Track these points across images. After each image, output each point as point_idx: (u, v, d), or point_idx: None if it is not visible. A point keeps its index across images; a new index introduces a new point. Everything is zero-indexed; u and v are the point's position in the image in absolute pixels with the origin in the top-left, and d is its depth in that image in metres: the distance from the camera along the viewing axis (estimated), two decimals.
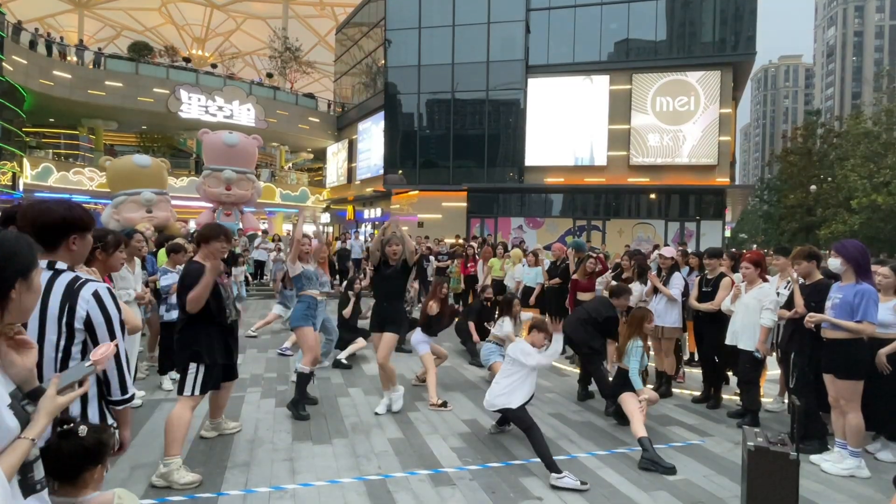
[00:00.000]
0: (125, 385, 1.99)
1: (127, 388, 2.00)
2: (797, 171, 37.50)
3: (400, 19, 24.47)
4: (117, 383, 1.96)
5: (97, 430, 1.66)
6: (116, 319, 1.94)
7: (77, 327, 1.85)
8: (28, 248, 1.29)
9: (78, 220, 1.91)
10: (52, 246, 1.88)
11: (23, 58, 21.89)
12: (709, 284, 5.63)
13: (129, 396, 2.02)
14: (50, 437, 1.66)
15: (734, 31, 21.68)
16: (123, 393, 1.99)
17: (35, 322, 1.81)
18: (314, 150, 36.23)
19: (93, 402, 1.94)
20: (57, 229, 1.87)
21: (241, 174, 16.05)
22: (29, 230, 1.83)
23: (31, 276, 1.27)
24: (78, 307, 1.85)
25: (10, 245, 1.24)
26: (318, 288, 5.20)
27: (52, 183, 23.42)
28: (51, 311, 1.82)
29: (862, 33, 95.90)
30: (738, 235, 55.43)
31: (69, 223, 1.88)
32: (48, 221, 1.85)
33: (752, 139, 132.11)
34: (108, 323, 1.90)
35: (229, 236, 3.84)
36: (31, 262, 1.28)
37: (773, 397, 5.65)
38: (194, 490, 3.37)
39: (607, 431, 4.69)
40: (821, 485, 3.71)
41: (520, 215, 22.71)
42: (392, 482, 3.58)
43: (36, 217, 1.85)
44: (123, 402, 2.01)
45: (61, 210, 1.89)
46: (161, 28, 39.70)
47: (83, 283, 1.89)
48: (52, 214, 1.86)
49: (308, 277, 5.12)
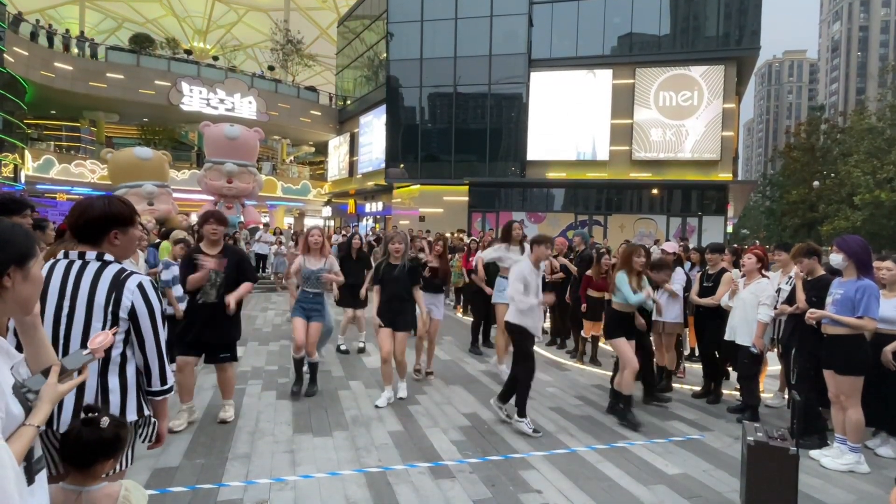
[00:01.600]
0: (165, 376, 2.03)
1: (167, 378, 2.04)
2: (800, 166, 37.37)
3: (402, 12, 24.34)
4: (157, 374, 2.01)
5: (118, 424, 1.68)
6: (158, 310, 1.99)
7: (122, 316, 1.91)
8: (24, 237, 1.28)
9: (118, 214, 1.96)
10: (96, 241, 1.94)
11: (24, 49, 21.82)
12: (710, 280, 5.63)
13: (168, 387, 2.06)
14: (73, 422, 1.69)
15: (738, 26, 21.54)
16: (163, 384, 2.03)
17: (83, 310, 1.87)
18: (316, 144, 36.16)
19: (132, 392, 1.96)
20: (97, 224, 1.93)
21: (242, 167, 16.05)
22: (73, 226, 1.93)
23: (28, 266, 1.26)
24: (123, 297, 1.90)
25: (3, 232, 1.23)
26: (315, 285, 5.23)
27: (54, 175, 23.42)
28: (97, 299, 1.88)
29: (867, 28, 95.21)
30: (741, 231, 55.35)
31: (109, 218, 1.93)
32: (89, 217, 1.91)
33: (756, 134, 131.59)
34: (150, 313, 1.95)
35: (220, 219, 4.20)
36: (27, 251, 1.26)
37: (774, 392, 5.66)
38: (195, 481, 3.39)
39: (607, 426, 4.70)
40: (820, 479, 3.72)
41: (521, 210, 22.68)
42: (392, 475, 3.59)
43: (80, 213, 1.92)
44: (162, 393, 2.04)
45: (101, 205, 1.94)
46: (162, 20, 39.51)
47: (129, 274, 1.94)
48: (92, 210, 1.92)
49: (305, 277, 5.21)
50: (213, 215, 4.25)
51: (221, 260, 4.18)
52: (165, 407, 2.10)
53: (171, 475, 3.46)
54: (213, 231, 4.20)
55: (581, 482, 3.57)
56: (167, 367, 2.05)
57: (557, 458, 3.97)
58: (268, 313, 10.51)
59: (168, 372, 2.06)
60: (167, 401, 2.10)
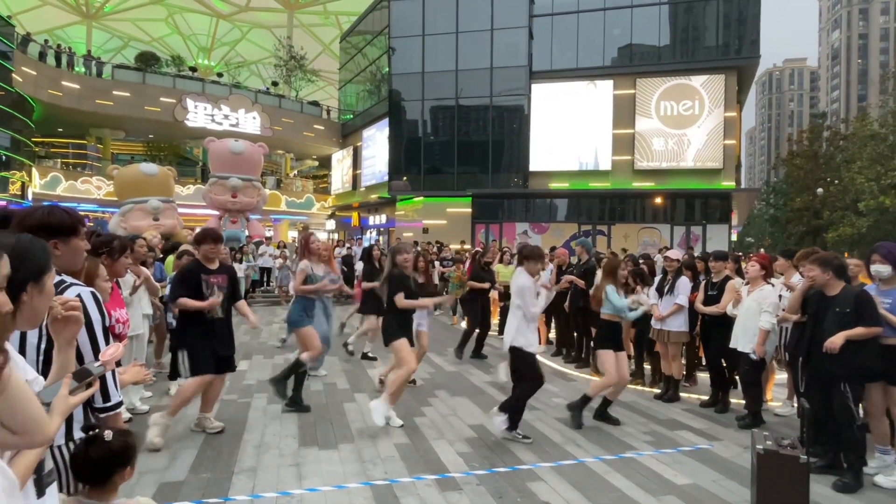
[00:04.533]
0: (107, 392, 1.90)
1: (110, 395, 1.91)
2: (803, 174, 37.33)
3: (404, 27, 24.62)
4: (99, 390, 1.83)
5: (123, 433, 1.69)
6: (98, 324, 1.89)
7: None
8: (42, 252, 1.30)
9: (58, 224, 1.84)
10: None
11: (32, 69, 22.18)
12: (714, 288, 5.61)
13: (113, 404, 1.93)
14: (76, 446, 1.69)
15: (738, 35, 21.67)
16: (106, 400, 1.91)
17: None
18: (319, 158, 36.42)
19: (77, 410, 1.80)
20: (34, 234, 1.79)
21: (246, 182, 16.14)
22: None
23: (43, 280, 1.28)
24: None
25: (23, 247, 1.25)
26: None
27: (61, 192, 23.65)
28: None
29: (867, 36, 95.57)
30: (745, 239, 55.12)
31: (47, 227, 1.80)
32: (26, 226, 1.78)
33: (758, 143, 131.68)
34: (88, 326, 1.82)
35: (217, 238, 4.37)
36: (44, 266, 1.28)
37: (782, 401, 5.61)
38: (202, 495, 3.38)
39: (614, 436, 4.67)
40: (831, 489, 3.66)
41: (524, 220, 22.71)
42: (399, 487, 3.57)
43: (18, 222, 1.82)
44: (108, 410, 1.92)
45: (40, 214, 1.83)
46: (168, 38, 40.14)
47: (67, 286, 1.85)
48: (30, 219, 1.81)
49: (312, 281, 5.21)
50: (209, 235, 4.36)
51: (224, 277, 4.40)
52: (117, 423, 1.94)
53: (177, 489, 3.45)
54: (213, 250, 4.34)
55: (590, 493, 3.54)
56: (111, 382, 1.92)
57: (565, 469, 3.94)
58: (272, 327, 10.51)
59: (111, 387, 1.91)
60: (119, 417, 1.97)
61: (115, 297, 3.77)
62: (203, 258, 4.36)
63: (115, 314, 3.56)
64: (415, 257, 5.77)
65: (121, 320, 3.76)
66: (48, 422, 1.18)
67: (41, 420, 1.16)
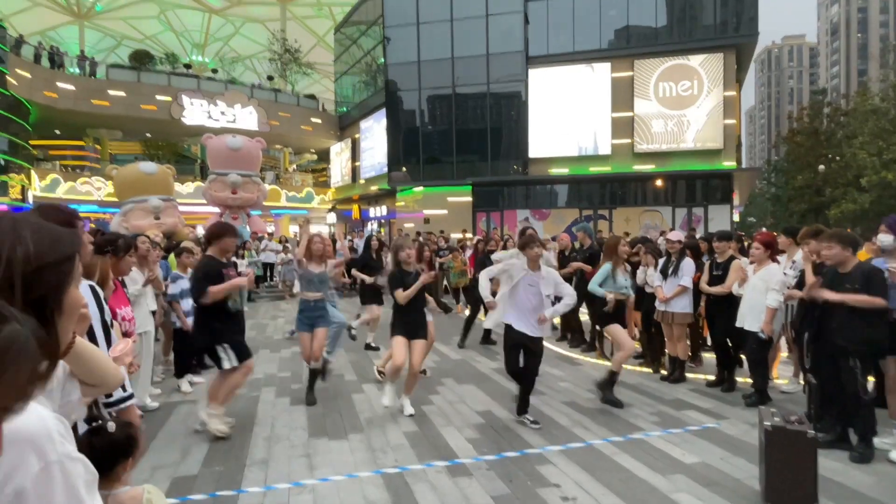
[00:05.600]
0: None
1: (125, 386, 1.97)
2: (804, 151, 37.04)
3: (398, 15, 24.39)
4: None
5: (125, 425, 1.73)
6: (97, 320, 1.92)
7: None
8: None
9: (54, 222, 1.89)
10: None
11: (26, 71, 22.06)
12: (719, 268, 5.61)
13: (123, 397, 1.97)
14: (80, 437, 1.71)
15: (735, 13, 21.41)
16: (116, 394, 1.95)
17: None
18: (317, 151, 36.29)
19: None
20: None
21: (246, 177, 16.12)
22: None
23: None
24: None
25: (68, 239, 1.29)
26: (318, 288, 5.25)
27: (61, 194, 23.63)
28: None
29: (866, 9, 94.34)
30: (747, 219, 54.94)
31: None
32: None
33: (758, 122, 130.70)
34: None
35: (236, 232, 4.50)
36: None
37: (789, 378, 5.63)
38: (215, 488, 3.42)
39: (622, 418, 4.69)
40: (839, 463, 3.69)
41: (525, 207, 22.62)
42: (409, 474, 3.60)
43: None
44: (117, 403, 1.96)
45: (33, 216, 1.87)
46: (161, 36, 39.84)
47: None
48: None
49: (309, 280, 5.22)
50: (229, 228, 4.43)
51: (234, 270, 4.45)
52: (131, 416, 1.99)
53: (190, 483, 3.49)
54: (234, 242, 4.46)
55: (598, 474, 3.57)
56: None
57: (574, 451, 3.97)
58: (278, 321, 10.56)
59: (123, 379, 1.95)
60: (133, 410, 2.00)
61: (120, 295, 3.78)
62: (220, 252, 4.37)
63: (119, 312, 3.57)
64: (418, 249, 5.79)
65: (126, 318, 3.77)
66: (117, 368, 1.37)
67: (111, 369, 1.32)
